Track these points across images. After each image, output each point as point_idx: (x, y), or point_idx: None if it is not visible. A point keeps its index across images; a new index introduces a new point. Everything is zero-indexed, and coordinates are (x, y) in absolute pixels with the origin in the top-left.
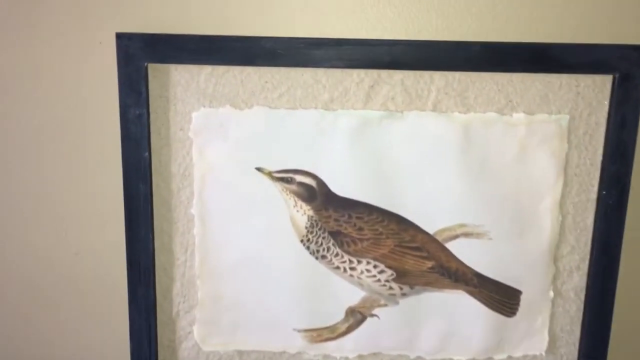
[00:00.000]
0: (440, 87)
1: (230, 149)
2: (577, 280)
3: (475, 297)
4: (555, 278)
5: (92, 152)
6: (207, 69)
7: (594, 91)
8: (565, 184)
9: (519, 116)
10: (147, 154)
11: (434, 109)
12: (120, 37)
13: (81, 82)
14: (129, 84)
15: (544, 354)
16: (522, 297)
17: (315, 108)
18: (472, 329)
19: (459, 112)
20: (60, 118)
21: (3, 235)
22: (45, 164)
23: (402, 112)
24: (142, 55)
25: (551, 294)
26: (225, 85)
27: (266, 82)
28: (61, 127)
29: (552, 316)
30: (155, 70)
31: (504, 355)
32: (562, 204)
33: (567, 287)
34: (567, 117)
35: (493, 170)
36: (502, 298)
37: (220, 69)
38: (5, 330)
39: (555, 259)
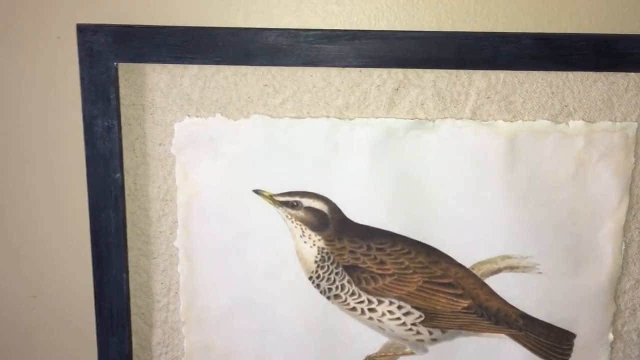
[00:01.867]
0: (481, 89)
1: (222, 167)
2: None
3: (520, 342)
4: (615, 318)
5: (52, 174)
6: (192, 70)
7: None
8: (630, 207)
9: (576, 125)
10: (119, 175)
11: (473, 117)
12: (82, 30)
13: (35, 88)
14: (94, 89)
15: None
16: (576, 342)
17: (327, 117)
18: None
19: (504, 120)
20: (10, 133)
21: None
22: None
23: (433, 120)
24: (110, 52)
25: (610, 336)
26: (215, 89)
27: (266, 85)
28: (12, 144)
29: None
30: (128, 72)
31: None
32: (626, 230)
33: (629, 327)
34: (635, 125)
35: (544, 190)
36: (552, 343)
37: (209, 69)
38: None
39: (616, 296)
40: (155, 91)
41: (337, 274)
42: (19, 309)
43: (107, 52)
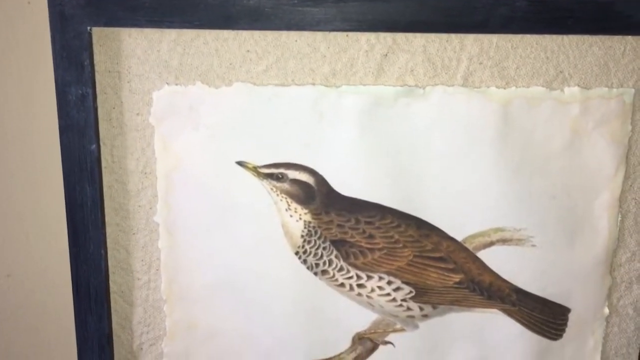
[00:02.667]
0: (473, 55)
1: (203, 138)
2: (637, 294)
3: (514, 317)
4: (611, 292)
5: (24, 147)
6: (170, 35)
7: None
8: (626, 176)
9: (572, 91)
10: (94, 146)
11: (465, 84)
12: None
13: (5, 55)
14: (67, 55)
15: None
16: (571, 316)
17: (313, 84)
18: (509, 356)
19: (497, 86)
20: None
21: None
22: None
23: (424, 88)
24: (83, 16)
25: (606, 310)
26: (195, 55)
27: (248, 50)
28: None
29: (606, 337)
30: (102, 37)
31: None
32: (622, 201)
33: (624, 302)
34: (632, 91)
35: (538, 160)
36: (546, 317)
37: (189, 34)
38: None
39: (612, 269)
40: (132, 58)
41: (324, 248)
42: None
43: (79, 15)
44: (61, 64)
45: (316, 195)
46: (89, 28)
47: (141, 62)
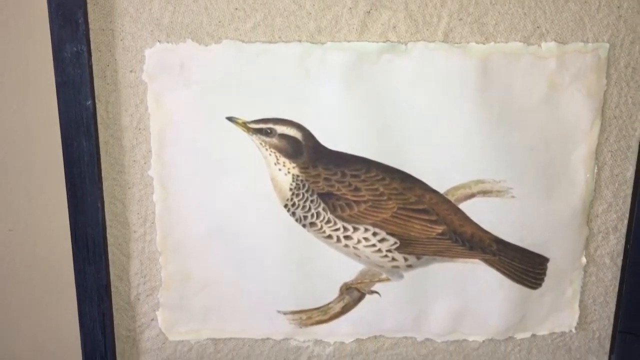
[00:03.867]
0: (453, 11)
1: (194, 95)
2: (613, 244)
3: (494, 267)
4: (588, 242)
5: (22, 103)
6: None
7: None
8: (602, 129)
9: (548, 46)
10: (90, 102)
11: (446, 39)
12: None
13: (1, 14)
14: (62, 13)
15: (573, 330)
16: (549, 265)
17: (299, 41)
18: (490, 305)
19: (476, 42)
20: None
21: None
22: None
23: (405, 44)
24: None
25: (583, 260)
26: (185, 13)
27: (236, 8)
28: None
29: (584, 286)
30: None
31: (527, 334)
32: (598, 154)
33: (601, 252)
34: (607, 46)
35: (517, 114)
36: (525, 267)
37: None
38: None
39: (589, 220)
40: (125, 16)
41: (312, 201)
42: None
43: None
44: (57, 22)
45: (304, 150)
46: None
47: (133, 21)
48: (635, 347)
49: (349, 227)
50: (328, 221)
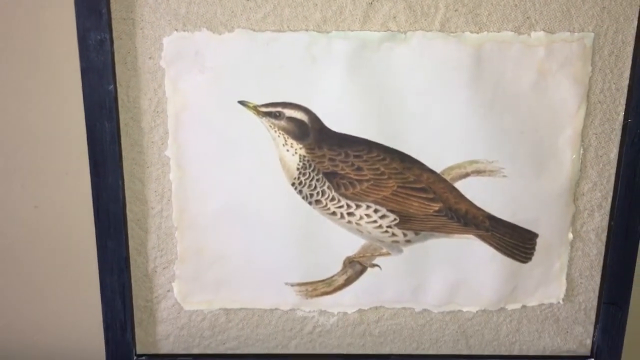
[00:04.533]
0: (449, 3)
1: (208, 80)
2: (598, 221)
3: (487, 242)
4: (574, 219)
5: (48, 87)
6: None
7: (622, 5)
8: (587, 113)
9: (538, 35)
10: (112, 87)
11: (442, 29)
12: None
13: (32, 5)
14: (86, 3)
15: (561, 302)
16: (538, 241)
17: (306, 30)
18: (483, 278)
19: (471, 31)
20: (6, 47)
21: None
22: None
23: (405, 33)
24: None
25: (570, 236)
26: (200, 4)
27: (249, 0)
28: (8, 57)
29: (571, 261)
30: None
31: (518, 305)
32: (583, 136)
33: (587, 228)
34: (592, 35)
35: (508, 98)
36: (516, 242)
37: None
38: None
39: (575, 198)
40: (144, 6)
41: (317, 180)
42: (22, 220)
43: None
44: (82, 12)
45: (310, 132)
46: None
47: (152, 11)
48: (618, 317)
49: (352, 204)
50: (332, 199)
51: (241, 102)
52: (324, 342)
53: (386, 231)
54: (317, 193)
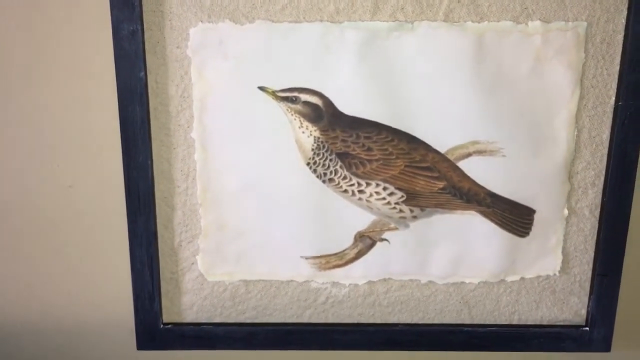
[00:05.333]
0: None
1: (230, 67)
2: (592, 197)
3: (488, 218)
4: (569, 196)
5: (85, 73)
6: None
7: None
8: (581, 97)
9: (534, 24)
10: (142, 73)
11: (446, 19)
12: None
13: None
14: None
15: (557, 274)
16: (536, 216)
17: (321, 21)
18: (485, 251)
19: (472, 21)
20: (46, 36)
21: None
22: (32, 88)
23: (412, 23)
24: None
25: (565, 212)
26: None
27: None
28: (48, 46)
29: (566, 235)
30: None
31: (517, 277)
32: (577, 118)
33: (581, 204)
34: (585, 24)
35: (507, 83)
36: (515, 218)
37: None
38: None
39: (570, 176)
40: (173, 0)
41: (330, 160)
42: (57, 199)
43: None
44: (116, 5)
45: (324, 115)
46: None
47: (180, 3)
48: (610, 287)
49: (363, 182)
50: (344, 177)
51: (261, 88)
52: (336, 312)
53: (394, 207)
54: (330, 172)
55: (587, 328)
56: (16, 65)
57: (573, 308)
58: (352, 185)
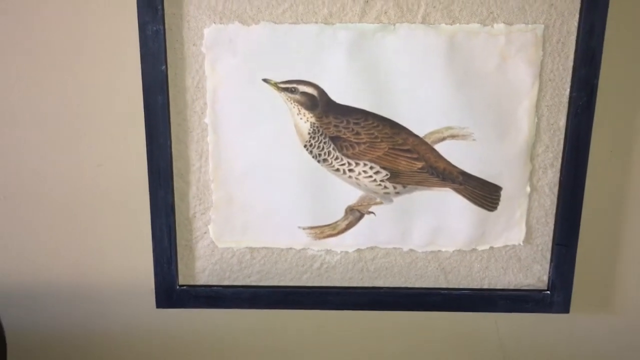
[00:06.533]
0: (429, 1)
1: (239, 62)
2: (551, 177)
3: (461, 194)
4: (531, 175)
5: (115, 67)
6: None
7: (566, 2)
8: (540, 89)
9: (499, 27)
10: (164, 67)
11: (423, 22)
12: None
13: (99, 2)
14: (147, 2)
15: (521, 243)
16: (502, 193)
17: (316, 22)
18: (458, 223)
19: (446, 24)
20: (84, 36)
21: (33, 151)
22: (70, 79)
23: (394, 25)
24: None
25: (528, 189)
26: (233, 2)
27: None
28: (85, 44)
29: (529, 210)
30: None
31: (487, 246)
32: (537, 107)
33: (542, 183)
34: (542, 26)
35: (476, 77)
36: (484, 194)
37: None
38: (37, 238)
39: (532, 158)
40: (190, 4)
41: (325, 143)
42: (87, 177)
43: None
44: (142, 8)
45: (319, 104)
46: None
47: (196, 8)
48: (567, 255)
49: (352, 162)
50: (336, 158)
51: (265, 80)
52: (329, 277)
53: (379, 184)
54: (324, 153)
55: (549, 292)
56: (57, 61)
57: (536, 274)
58: (343, 164)
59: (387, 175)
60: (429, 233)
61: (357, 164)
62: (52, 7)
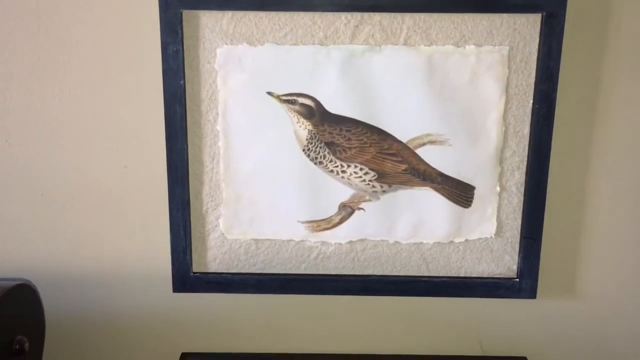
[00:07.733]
0: (410, 25)
1: (247, 78)
2: (518, 178)
3: (440, 193)
4: (500, 176)
5: (139, 81)
6: (228, 14)
7: (527, 27)
8: (506, 101)
9: (470, 48)
10: (182, 82)
11: (405, 44)
12: None
13: (132, 26)
14: (168, 26)
15: (493, 236)
16: (476, 192)
17: (313, 44)
18: (437, 219)
19: (424, 45)
20: (112, 53)
21: (69, 155)
22: (101, 92)
23: (380, 46)
24: (178, 3)
25: (498, 189)
26: (242, 26)
27: (275, 23)
28: (113, 61)
29: (499, 207)
30: (189, 15)
31: (462, 239)
32: (504, 117)
33: (510, 183)
34: (507, 48)
35: (451, 91)
36: (460, 192)
37: (239, 13)
38: (69, 230)
39: (501, 161)
40: (205, 28)
41: (320, 147)
42: (114, 177)
43: (175, 3)
44: (164, 31)
45: (315, 113)
46: (181, 10)
47: (210, 31)
48: (534, 247)
49: (344, 164)
50: (331, 161)
51: (268, 93)
52: (325, 266)
53: (368, 184)
54: (320, 157)
55: (517, 280)
56: (90, 77)
57: (506, 264)
58: (337, 166)
59: (375, 175)
60: (411, 227)
61: (348, 166)
62: (90, 35)
